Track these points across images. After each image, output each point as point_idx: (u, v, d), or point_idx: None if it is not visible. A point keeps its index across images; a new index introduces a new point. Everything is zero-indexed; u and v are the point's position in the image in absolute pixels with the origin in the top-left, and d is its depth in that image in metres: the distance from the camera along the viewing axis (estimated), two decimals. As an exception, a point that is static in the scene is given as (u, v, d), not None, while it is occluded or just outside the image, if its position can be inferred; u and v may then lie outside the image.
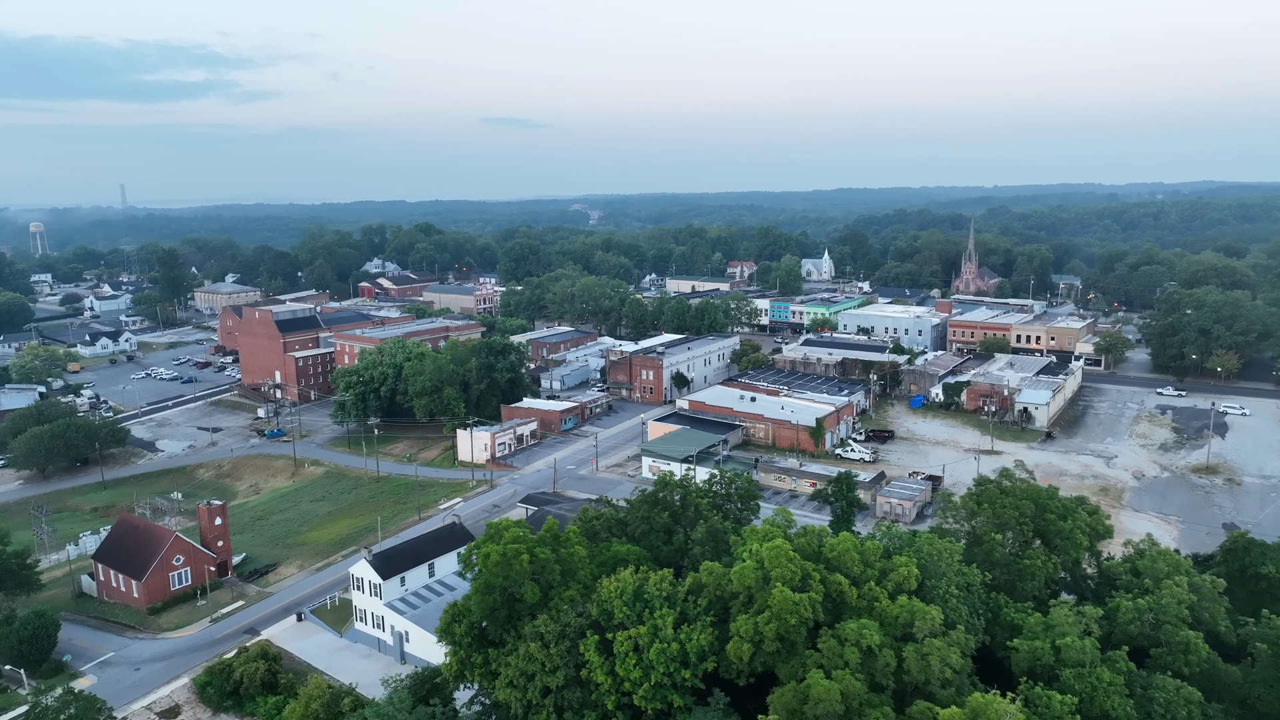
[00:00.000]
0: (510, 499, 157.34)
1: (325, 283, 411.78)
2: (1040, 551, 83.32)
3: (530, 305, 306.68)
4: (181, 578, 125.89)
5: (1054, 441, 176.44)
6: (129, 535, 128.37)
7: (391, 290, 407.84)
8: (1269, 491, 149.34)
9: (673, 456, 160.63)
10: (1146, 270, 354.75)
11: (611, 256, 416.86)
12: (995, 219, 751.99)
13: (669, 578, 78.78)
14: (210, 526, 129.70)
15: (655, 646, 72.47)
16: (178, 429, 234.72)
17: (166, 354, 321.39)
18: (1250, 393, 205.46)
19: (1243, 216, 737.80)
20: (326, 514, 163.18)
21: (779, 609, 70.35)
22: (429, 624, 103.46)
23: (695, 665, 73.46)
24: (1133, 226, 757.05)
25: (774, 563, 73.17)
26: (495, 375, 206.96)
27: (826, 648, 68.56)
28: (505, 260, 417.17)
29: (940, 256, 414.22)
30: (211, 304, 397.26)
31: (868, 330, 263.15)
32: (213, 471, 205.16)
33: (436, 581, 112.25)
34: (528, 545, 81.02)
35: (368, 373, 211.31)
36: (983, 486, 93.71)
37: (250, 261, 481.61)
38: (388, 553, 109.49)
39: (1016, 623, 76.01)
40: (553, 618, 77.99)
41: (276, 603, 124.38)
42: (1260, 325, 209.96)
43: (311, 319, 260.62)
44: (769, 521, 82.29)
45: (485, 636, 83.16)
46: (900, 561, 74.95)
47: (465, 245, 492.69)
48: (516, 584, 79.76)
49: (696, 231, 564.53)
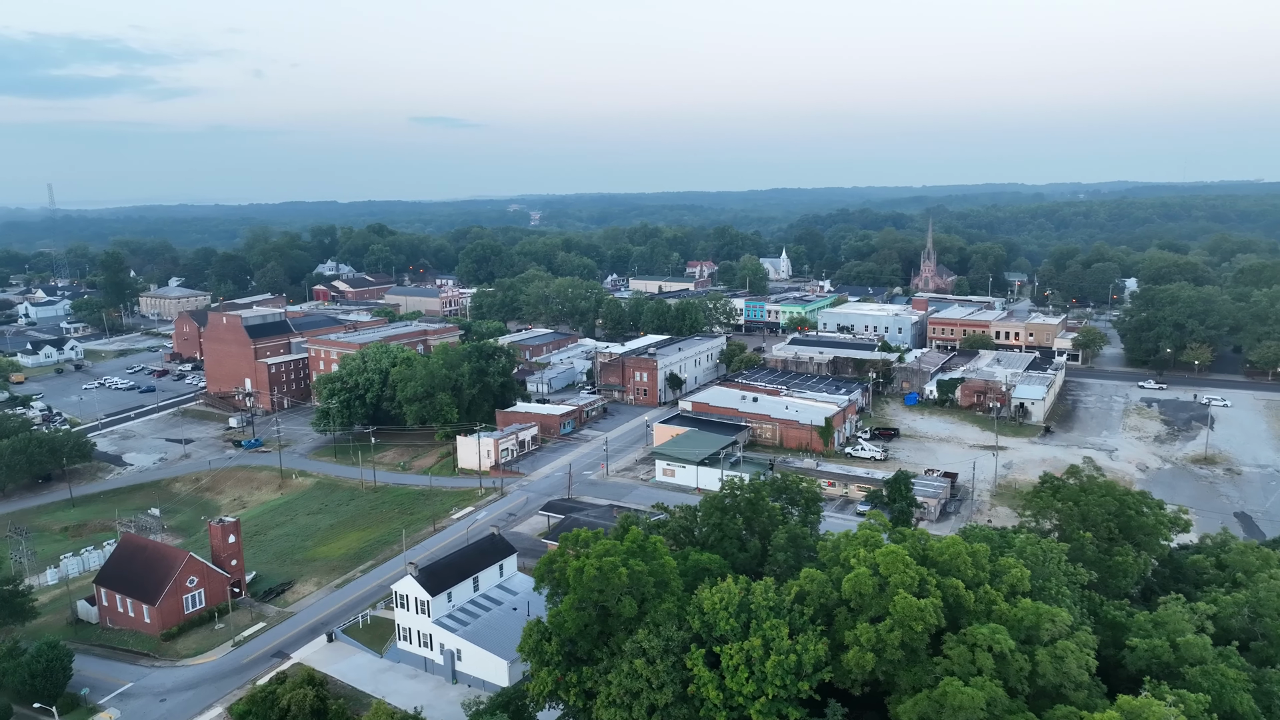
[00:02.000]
0: (524, 507, 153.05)
1: (278, 286, 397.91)
2: (1129, 548, 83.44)
3: (503, 307, 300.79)
4: (195, 600, 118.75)
5: (1053, 436, 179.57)
6: (136, 557, 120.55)
7: (348, 293, 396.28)
8: (1269, 480, 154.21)
9: (688, 459, 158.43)
10: (1099, 267, 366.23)
11: (574, 257, 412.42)
12: (934, 218, 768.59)
13: (773, 586, 76.54)
14: (223, 545, 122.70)
15: (772, 659, 70.11)
16: (144, 441, 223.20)
17: (118, 362, 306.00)
18: (1223, 384, 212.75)
19: (1165, 215, 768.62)
20: (329, 527, 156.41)
21: (902, 616, 68.70)
22: (482, 641, 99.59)
23: (810, 676, 71.40)
24: (1065, 225, 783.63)
25: (890, 568, 71.50)
26: (488, 379, 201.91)
27: (957, 654, 67.15)
28: (465, 261, 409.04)
29: (900, 255, 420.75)
30: (159, 309, 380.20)
31: (848, 329, 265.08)
32: (190, 485, 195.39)
33: (481, 596, 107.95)
34: (621, 557, 77.96)
35: (352, 379, 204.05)
36: (1047, 482, 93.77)
37: (194, 264, 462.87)
38: (433, 568, 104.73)
39: (1119, 620, 75.80)
40: (655, 632, 75.05)
41: (301, 623, 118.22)
42: (1231, 319, 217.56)
43: (282, 324, 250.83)
44: (865, 526, 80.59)
45: (573, 654, 79.77)
46: (1010, 563, 74.05)
47: (420, 246, 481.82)
48: (613, 598, 76.58)
49: (652, 232, 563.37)
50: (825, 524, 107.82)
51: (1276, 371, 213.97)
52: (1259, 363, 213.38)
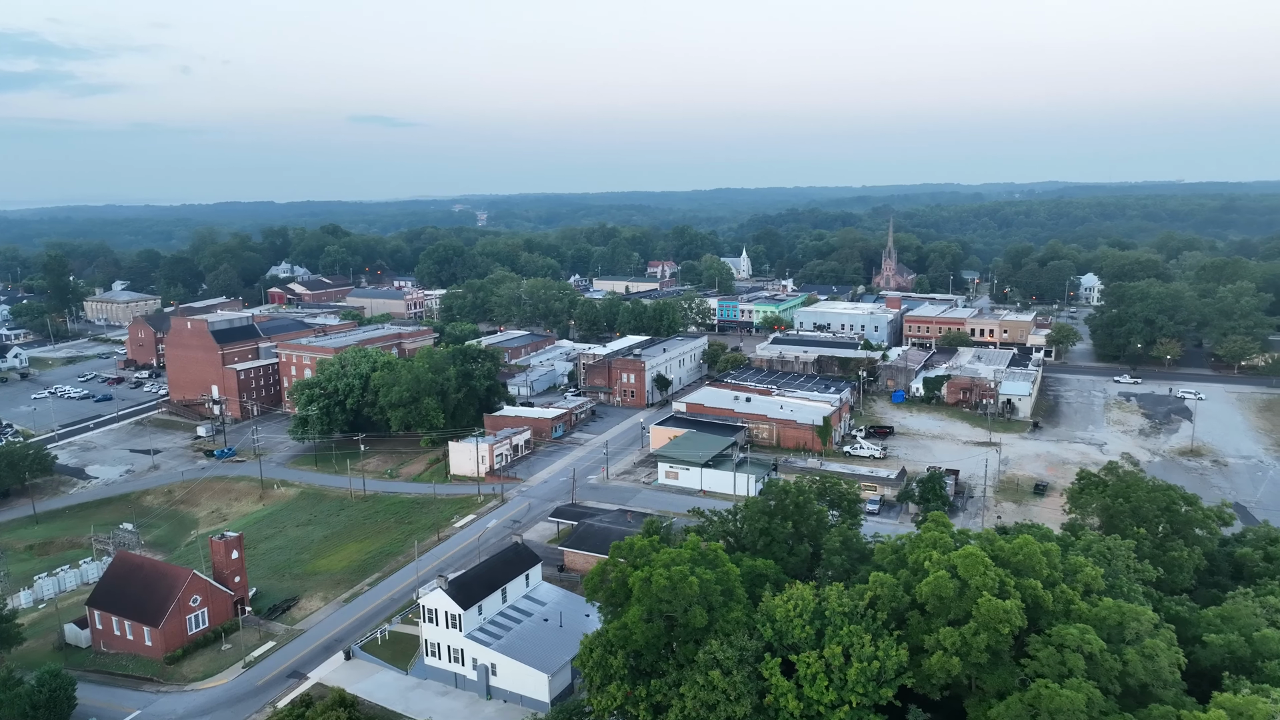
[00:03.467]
0: (528, 513, 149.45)
1: (231, 289, 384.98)
2: (1181, 543, 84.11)
3: (474, 309, 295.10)
4: (199, 620, 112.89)
5: (1041, 431, 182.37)
6: (133, 576, 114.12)
7: (305, 296, 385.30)
8: (1254, 470, 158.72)
9: (692, 461, 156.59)
10: (1055, 265, 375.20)
11: (537, 258, 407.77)
12: (881, 218, 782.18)
13: (843, 592, 75.17)
14: (226, 561, 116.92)
15: (855, 666, 68.71)
16: (107, 452, 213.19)
17: (67, 370, 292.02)
18: (1192, 378, 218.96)
19: (1101, 214, 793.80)
20: (323, 539, 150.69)
21: (987, 618, 67.89)
22: (518, 654, 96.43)
23: (892, 682, 70.22)
24: (1008, 224, 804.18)
25: (970, 570, 70.67)
26: (474, 383, 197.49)
27: (1045, 655, 66.51)
28: (426, 263, 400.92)
29: (861, 254, 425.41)
30: (106, 314, 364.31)
31: (824, 327, 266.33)
32: (163, 498, 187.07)
33: (510, 607, 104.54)
34: (688, 566, 75.78)
35: (331, 384, 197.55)
36: (1086, 479, 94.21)
37: (139, 267, 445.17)
38: (463, 580, 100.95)
39: (1183, 616, 76.16)
40: (727, 642, 73.04)
41: (313, 640, 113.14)
42: (1198, 315, 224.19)
43: (250, 329, 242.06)
44: (929, 529, 79.68)
45: (637, 667, 77.32)
46: (1081, 561, 73.91)
47: (376, 248, 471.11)
48: (682, 608, 74.33)
49: (610, 232, 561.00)
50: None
51: (1241, 365, 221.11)
52: (1225, 356, 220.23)
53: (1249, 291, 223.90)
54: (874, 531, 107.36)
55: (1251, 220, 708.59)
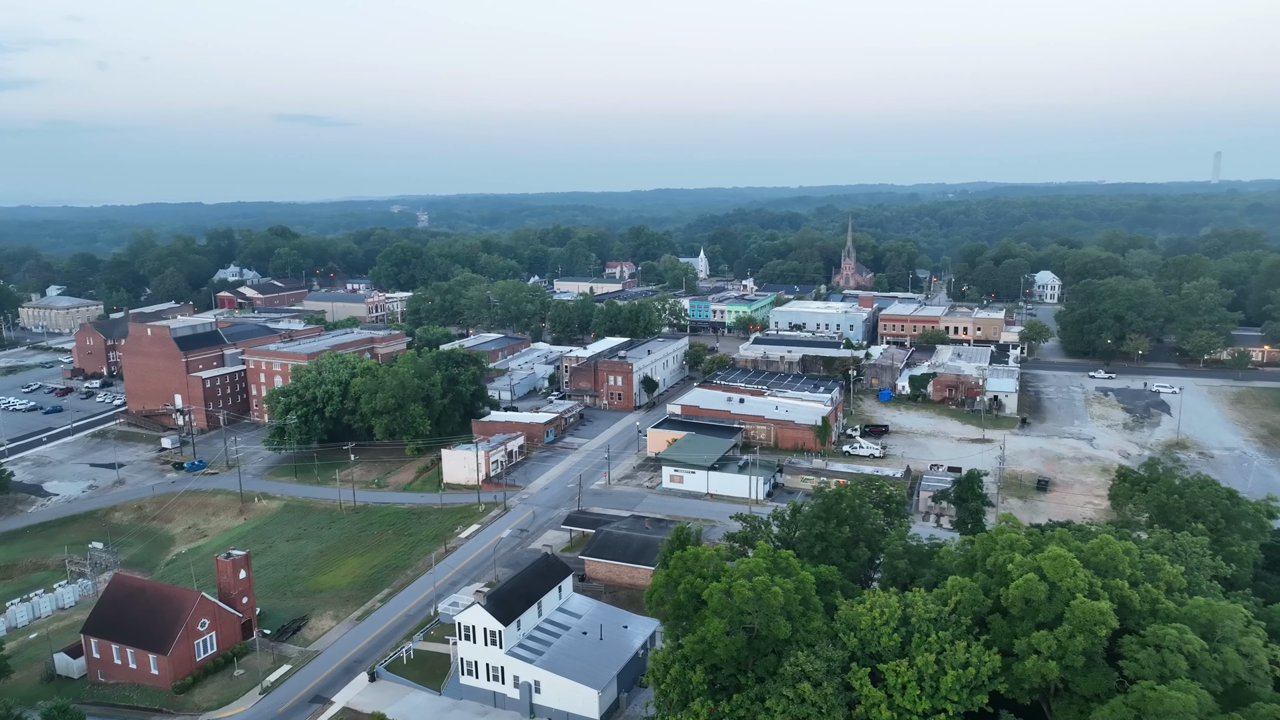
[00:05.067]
0: (534, 521, 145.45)
1: (179, 293, 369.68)
2: (1238, 537, 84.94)
3: (442, 312, 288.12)
4: (207, 645, 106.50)
5: (1030, 427, 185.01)
6: (134, 600, 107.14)
7: (257, 300, 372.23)
8: (1239, 462, 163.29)
9: (697, 465, 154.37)
10: (1010, 263, 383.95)
11: (498, 259, 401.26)
12: (825, 218, 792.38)
13: (927, 598, 73.79)
14: (234, 581, 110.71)
15: (950, 674, 67.35)
16: (64, 467, 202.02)
17: (8, 381, 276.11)
18: (1160, 372, 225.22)
19: (1036, 214, 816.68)
20: (319, 554, 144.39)
21: (1082, 621, 67.06)
22: (563, 669, 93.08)
23: (984, 688, 69.09)
24: (949, 223, 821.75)
25: (1059, 572, 69.85)
26: (459, 388, 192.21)
27: (1145, 656, 65.98)
28: (384, 265, 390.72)
29: (821, 253, 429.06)
30: (45, 321, 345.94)
31: (799, 326, 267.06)
32: (132, 514, 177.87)
33: (546, 621, 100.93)
34: (770, 576, 73.55)
35: (309, 391, 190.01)
36: (1125, 476, 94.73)
37: (74, 271, 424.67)
38: (499, 595, 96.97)
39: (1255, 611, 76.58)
40: (813, 653, 71.02)
41: (330, 662, 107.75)
42: (1165, 311, 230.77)
43: (213, 334, 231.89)
44: (1002, 530, 78.80)
45: (714, 682, 74.80)
46: (1159, 560, 73.75)
47: (327, 250, 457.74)
48: (765, 619, 72.04)
49: (565, 232, 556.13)
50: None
51: (1205, 359, 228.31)
52: (1191, 351, 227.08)
53: (1212, 288, 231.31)
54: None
55: (1175, 219, 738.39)
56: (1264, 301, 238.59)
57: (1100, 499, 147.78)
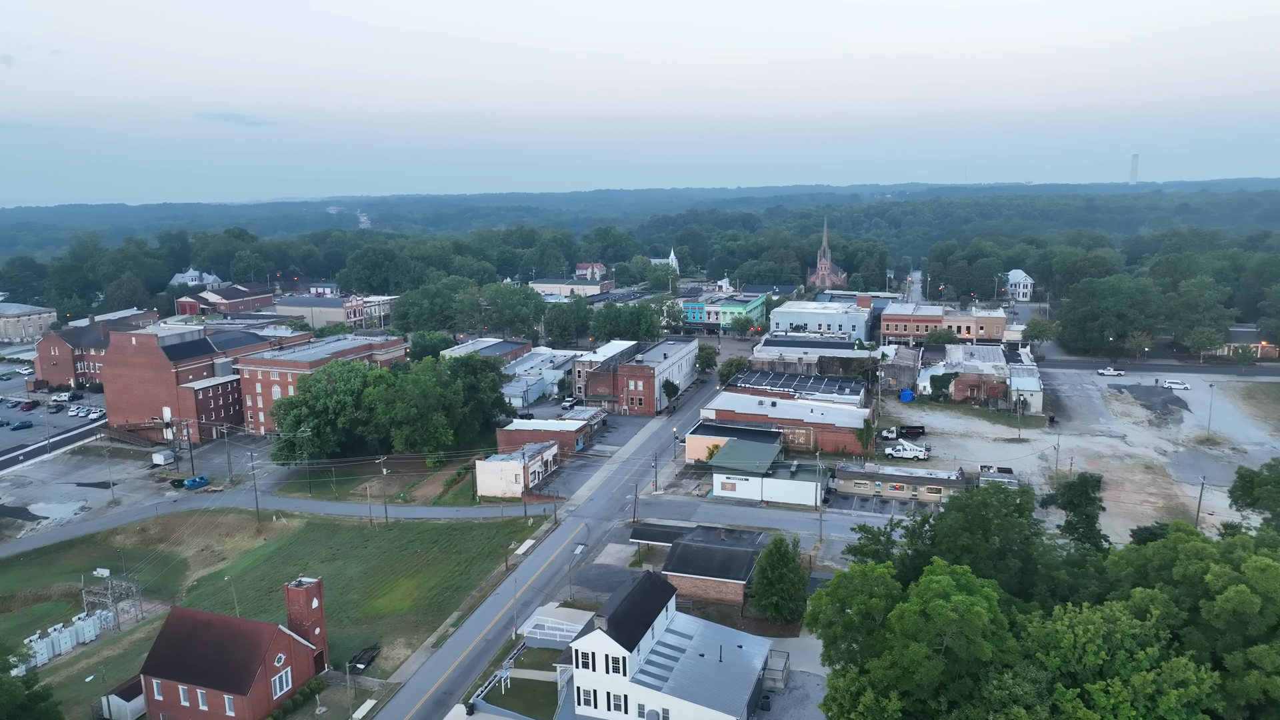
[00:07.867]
0: (589, 534, 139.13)
1: (137, 299, 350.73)
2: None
3: (432, 316, 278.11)
4: (283, 681, 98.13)
5: (1059, 426, 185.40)
6: (199, 636, 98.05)
7: (222, 305, 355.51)
8: (1271, 456, 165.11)
9: (750, 471, 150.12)
10: (983, 263, 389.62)
11: (471, 260, 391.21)
12: (777, 219, 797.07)
13: (1127, 612, 70.64)
14: (306, 611, 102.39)
15: (1173, 693, 64.27)
16: (48, 488, 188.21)
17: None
18: (1161, 368, 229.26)
19: (981, 214, 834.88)
20: (362, 575, 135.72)
21: (1305, 633, 64.72)
22: (694, 696, 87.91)
23: (1202, 704, 66.25)
24: (898, 224, 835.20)
25: (1270, 584, 67.44)
26: (480, 396, 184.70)
27: (1376, 668, 63.84)
28: (355, 268, 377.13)
29: (797, 254, 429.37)
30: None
31: (801, 327, 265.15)
32: (136, 537, 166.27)
33: (659, 644, 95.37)
34: (966, 596, 69.53)
35: (319, 402, 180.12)
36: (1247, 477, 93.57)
37: (14, 276, 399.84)
38: (618, 618, 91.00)
39: None
40: (1019, 674, 67.24)
41: (417, 694, 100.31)
42: (1165, 309, 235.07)
43: (203, 343, 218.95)
44: (1183, 539, 76.20)
45: (904, 710, 70.47)
46: (1350, 564, 71.91)
47: (289, 252, 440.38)
48: (968, 642, 67.99)
49: (529, 234, 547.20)
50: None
51: (1204, 355, 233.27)
52: (1192, 347, 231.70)
53: (1210, 285, 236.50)
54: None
55: (1111, 219, 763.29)
56: (1257, 298, 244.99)
57: (1155, 497, 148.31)
